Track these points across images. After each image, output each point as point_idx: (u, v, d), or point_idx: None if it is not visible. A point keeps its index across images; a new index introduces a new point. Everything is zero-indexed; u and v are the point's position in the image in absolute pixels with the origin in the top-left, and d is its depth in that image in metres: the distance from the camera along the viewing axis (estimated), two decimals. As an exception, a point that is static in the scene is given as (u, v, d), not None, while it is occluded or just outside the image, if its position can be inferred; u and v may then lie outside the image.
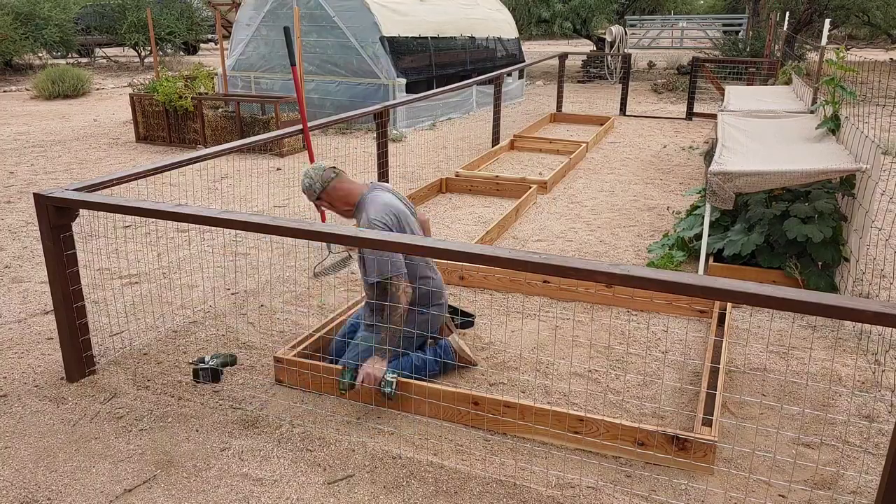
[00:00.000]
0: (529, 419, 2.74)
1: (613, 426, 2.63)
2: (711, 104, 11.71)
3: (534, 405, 2.75)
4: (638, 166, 7.70)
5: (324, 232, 2.58)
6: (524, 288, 4.14)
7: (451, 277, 4.26)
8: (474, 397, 2.82)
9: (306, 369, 3.06)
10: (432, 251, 2.45)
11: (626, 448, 2.62)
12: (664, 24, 21.75)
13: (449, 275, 4.24)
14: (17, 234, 5.29)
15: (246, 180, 6.91)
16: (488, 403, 2.80)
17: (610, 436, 2.64)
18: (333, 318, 3.51)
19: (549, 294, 4.09)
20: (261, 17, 10.27)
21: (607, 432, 2.64)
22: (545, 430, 2.72)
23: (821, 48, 6.54)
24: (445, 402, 2.84)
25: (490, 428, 2.80)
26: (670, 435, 2.57)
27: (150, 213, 2.85)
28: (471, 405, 2.82)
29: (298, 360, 3.11)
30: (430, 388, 2.88)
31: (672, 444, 2.57)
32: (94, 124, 10.40)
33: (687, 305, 3.86)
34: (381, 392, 2.85)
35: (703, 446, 2.53)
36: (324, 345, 3.33)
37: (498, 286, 4.19)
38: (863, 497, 2.43)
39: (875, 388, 3.13)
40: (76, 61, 19.95)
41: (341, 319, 3.51)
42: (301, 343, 3.26)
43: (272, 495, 2.43)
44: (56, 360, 3.33)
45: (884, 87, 11.59)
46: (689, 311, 3.86)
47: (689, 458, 2.55)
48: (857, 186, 4.05)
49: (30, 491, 2.46)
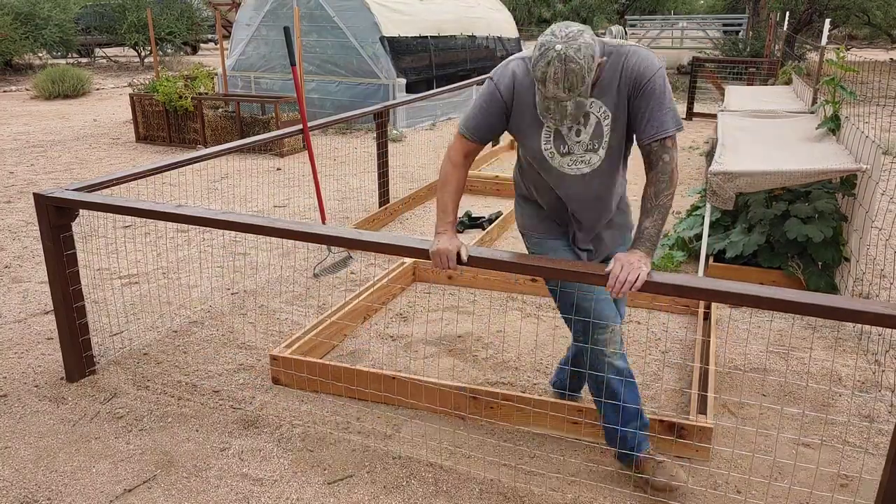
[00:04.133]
0: (527, 410, 2.78)
1: None
2: (711, 104, 11.71)
3: (532, 397, 2.80)
4: (638, 166, 7.68)
5: (323, 234, 2.58)
6: (511, 286, 4.16)
7: (440, 276, 4.29)
8: (472, 390, 2.86)
9: (302, 370, 3.05)
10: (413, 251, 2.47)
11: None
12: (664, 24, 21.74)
13: (436, 273, 4.30)
14: (17, 234, 5.28)
15: (246, 180, 6.91)
16: (486, 396, 2.85)
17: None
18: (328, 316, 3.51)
19: (536, 292, 4.11)
20: (261, 17, 10.27)
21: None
22: (543, 417, 2.76)
23: (821, 48, 6.54)
24: (444, 395, 2.88)
25: (489, 418, 2.83)
26: (668, 421, 2.63)
27: (149, 214, 2.85)
28: (469, 397, 2.86)
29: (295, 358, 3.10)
30: (429, 382, 2.91)
31: (672, 433, 2.62)
32: (94, 124, 10.40)
33: (670, 301, 3.89)
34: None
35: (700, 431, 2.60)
36: (317, 345, 3.29)
37: (485, 285, 4.21)
38: (863, 497, 2.43)
39: (875, 388, 3.13)
40: (76, 61, 19.94)
41: (334, 320, 3.50)
42: (296, 342, 3.24)
43: (272, 495, 2.43)
44: (56, 360, 3.33)
45: (884, 87, 11.59)
46: (673, 306, 3.89)
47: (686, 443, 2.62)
48: (858, 186, 4.05)
49: (30, 491, 2.46)
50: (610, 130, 2.22)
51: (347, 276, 4.43)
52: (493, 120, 2.27)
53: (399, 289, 4.17)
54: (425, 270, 4.30)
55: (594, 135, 2.23)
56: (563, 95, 2.00)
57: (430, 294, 4.15)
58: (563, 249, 2.46)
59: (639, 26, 21.49)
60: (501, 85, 2.21)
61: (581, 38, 1.96)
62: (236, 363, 3.35)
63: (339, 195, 6.41)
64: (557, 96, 2.00)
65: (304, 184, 6.76)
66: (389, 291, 4.08)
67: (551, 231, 2.48)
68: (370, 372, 3.00)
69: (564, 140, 2.24)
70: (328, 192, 6.44)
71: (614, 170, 2.37)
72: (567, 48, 1.95)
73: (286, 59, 9.67)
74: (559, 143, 2.24)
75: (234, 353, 3.45)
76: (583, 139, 2.23)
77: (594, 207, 2.40)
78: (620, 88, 2.16)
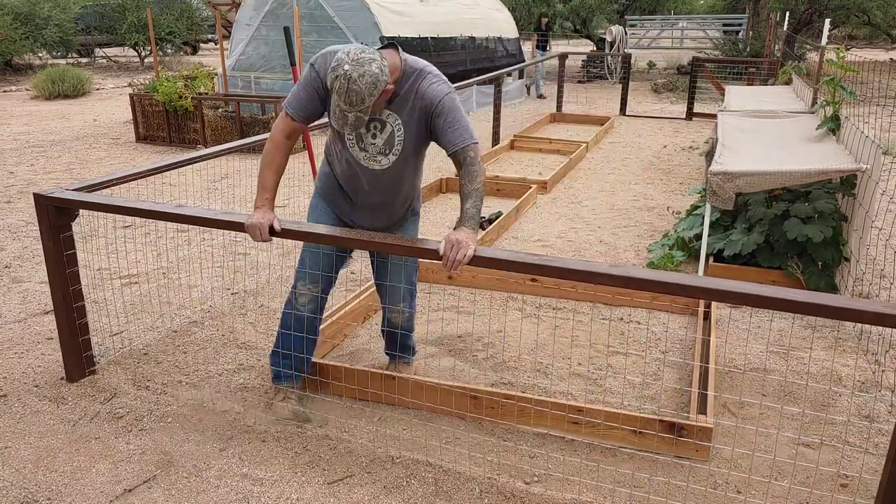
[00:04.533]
0: (528, 409, 2.79)
1: (612, 415, 2.70)
2: (711, 104, 11.70)
3: (532, 396, 2.82)
4: (638, 166, 7.69)
5: (323, 234, 2.58)
6: (510, 286, 4.16)
7: (441, 277, 4.29)
8: (473, 390, 2.86)
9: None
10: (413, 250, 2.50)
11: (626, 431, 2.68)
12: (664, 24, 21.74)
13: (437, 274, 4.29)
14: (17, 234, 5.28)
15: (246, 180, 6.91)
16: (487, 396, 2.85)
17: (607, 427, 2.70)
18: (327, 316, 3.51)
19: (535, 292, 4.12)
20: (261, 17, 10.27)
21: (606, 421, 2.70)
22: (544, 416, 2.77)
23: (821, 48, 6.54)
24: (443, 396, 2.88)
25: (489, 417, 2.84)
26: (668, 422, 2.64)
27: (149, 214, 2.85)
28: (469, 398, 2.86)
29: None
30: (428, 382, 2.91)
31: (672, 432, 2.63)
32: (94, 124, 10.40)
33: (671, 301, 3.90)
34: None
35: (700, 431, 2.60)
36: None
37: (485, 285, 4.21)
38: (863, 497, 2.43)
39: (875, 388, 3.13)
40: (76, 61, 19.95)
41: (334, 319, 3.50)
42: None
43: (272, 495, 2.43)
44: (56, 360, 3.33)
45: (884, 87, 11.59)
46: (673, 306, 3.90)
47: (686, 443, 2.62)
48: (858, 186, 4.05)
49: (30, 491, 2.46)
50: (402, 140, 2.56)
51: (347, 275, 4.43)
52: (314, 102, 2.54)
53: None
54: (426, 271, 4.29)
55: (387, 142, 2.57)
56: (344, 107, 2.32)
57: (431, 294, 4.15)
58: (326, 214, 2.81)
59: (639, 26, 21.48)
60: (322, 72, 2.48)
61: (366, 67, 2.27)
62: (236, 363, 3.35)
63: (339, 195, 6.40)
64: (340, 107, 2.33)
65: (305, 184, 6.76)
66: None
67: (331, 196, 2.81)
68: (370, 371, 3.00)
69: (362, 138, 2.58)
70: (328, 192, 6.43)
71: (406, 170, 2.69)
72: (353, 71, 2.26)
73: (286, 59, 9.67)
74: (358, 139, 2.58)
75: (234, 353, 3.45)
76: (377, 143, 2.57)
77: (378, 196, 2.73)
78: (415, 106, 2.50)
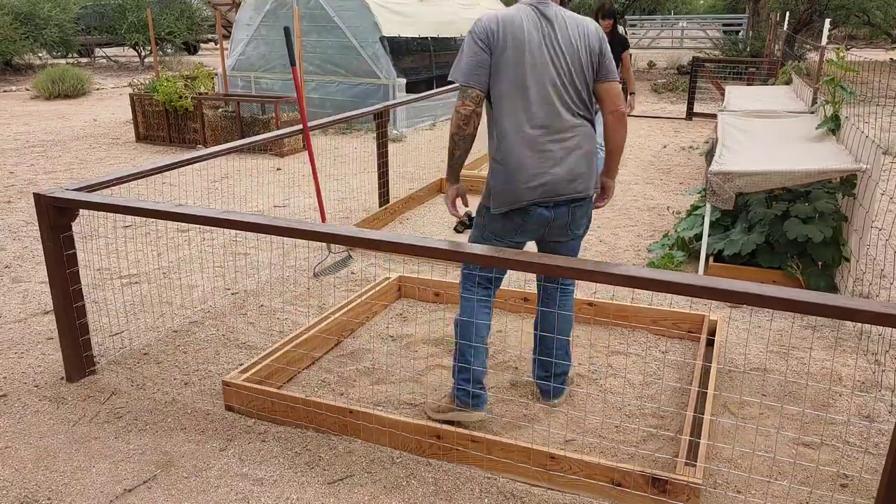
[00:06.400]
0: (496, 454, 2.51)
1: (588, 465, 2.39)
2: (711, 104, 11.71)
3: (500, 440, 2.51)
4: (638, 166, 7.69)
5: (323, 232, 2.58)
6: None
7: (427, 294, 4.01)
8: (436, 430, 2.58)
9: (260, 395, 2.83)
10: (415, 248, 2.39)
11: (602, 486, 2.38)
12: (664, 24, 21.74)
13: (423, 291, 4.02)
14: (17, 234, 5.29)
15: (246, 180, 6.91)
16: (455, 437, 2.55)
17: (584, 475, 2.40)
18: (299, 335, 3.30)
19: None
20: (261, 17, 10.27)
21: (581, 471, 2.40)
22: (513, 468, 2.48)
23: (821, 48, 6.54)
24: (404, 433, 2.63)
25: (457, 461, 2.57)
26: (649, 475, 2.31)
27: (150, 213, 2.85)
28: (433, 438, 2.58)
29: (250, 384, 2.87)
30: (390, 419, 2.65)
31: (651, 486, 2.31)
32: (94, 124, 10.40)
33: (671, 325, 3.57)
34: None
35: (685, 488, 2.27)
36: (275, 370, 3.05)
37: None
38: (863, 497, 2.43)
39: (875, 388, 3.13)
40: (76, 61, 19.95)
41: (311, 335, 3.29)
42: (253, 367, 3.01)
43: (272, 495, 2.43)
44: (56, 360, 3.33)
45: (884, 87, 11.59)
46: (674, 331, 3.56)
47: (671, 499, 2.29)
48: (858, 186, 4.05)
49: (30, 491, 2.46)
50: None
51: (347, 275, 4.43)
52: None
53: (381, 306, 3.88)
54: (412, 287, 4.04)
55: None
56: None
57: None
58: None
59: (639, 26, 21.48)
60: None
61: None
62: (236, 363, 3.35)
63: (339, 195, 6.41)
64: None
65: (304, 184, 6.77)
66: (370, 309, 3.78)
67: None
68: (325, 404, 2.75)
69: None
70: (328, 193, 6.44)
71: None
72: None
73: (286, 59, 9.67)
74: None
75: (234, 353, 3.45)
76: None
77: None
78: None
